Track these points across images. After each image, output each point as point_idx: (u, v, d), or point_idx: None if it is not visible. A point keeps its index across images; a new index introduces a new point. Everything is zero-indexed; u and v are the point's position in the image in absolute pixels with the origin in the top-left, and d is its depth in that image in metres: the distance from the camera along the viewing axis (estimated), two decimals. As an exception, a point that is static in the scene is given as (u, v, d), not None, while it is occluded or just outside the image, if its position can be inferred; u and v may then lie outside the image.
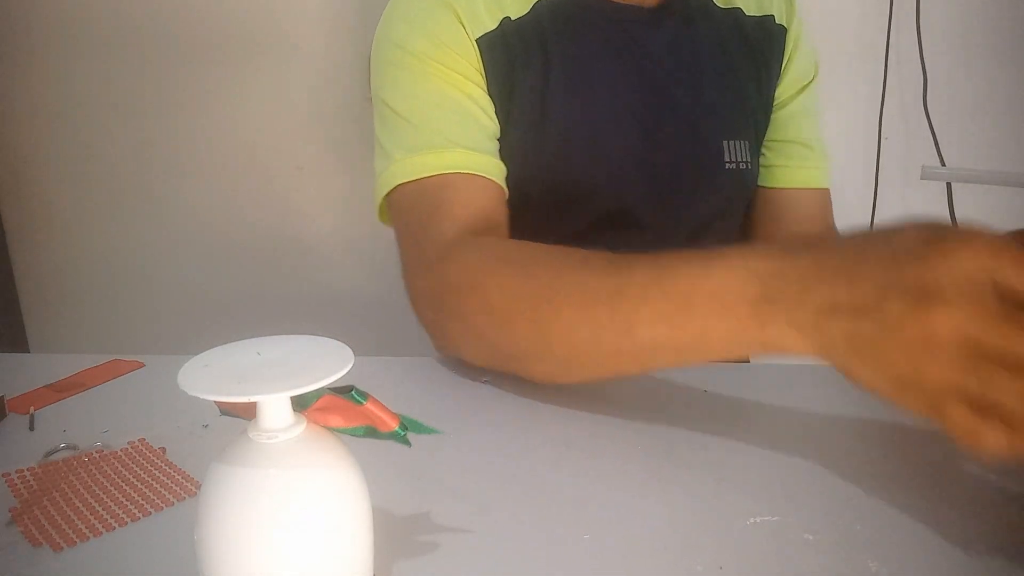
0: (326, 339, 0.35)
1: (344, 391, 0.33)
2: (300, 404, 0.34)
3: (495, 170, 0.70)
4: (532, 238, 0.62)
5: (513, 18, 0.73)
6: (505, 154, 0.73)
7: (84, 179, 1.21)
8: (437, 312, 0.64)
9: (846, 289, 0.41)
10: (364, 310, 1.23)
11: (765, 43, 0.86)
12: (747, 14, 0.85)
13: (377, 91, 0.74)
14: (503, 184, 0.71)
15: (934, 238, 0.39)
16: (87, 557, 0.43)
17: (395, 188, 0.69)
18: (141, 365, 0.69)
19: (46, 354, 1.16)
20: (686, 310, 0.47)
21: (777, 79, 0.88)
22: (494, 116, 0.73)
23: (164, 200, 1.20)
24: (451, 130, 0.69)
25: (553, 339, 0.55)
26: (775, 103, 0.88)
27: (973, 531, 0.46)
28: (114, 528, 0.45)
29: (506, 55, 0.72)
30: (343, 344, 0.34)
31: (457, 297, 0.61)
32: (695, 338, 0.48)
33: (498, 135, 0.73)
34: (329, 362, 0.32)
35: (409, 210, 0.69)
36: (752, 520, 0.46)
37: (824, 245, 0.44)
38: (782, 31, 0.87)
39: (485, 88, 0.72)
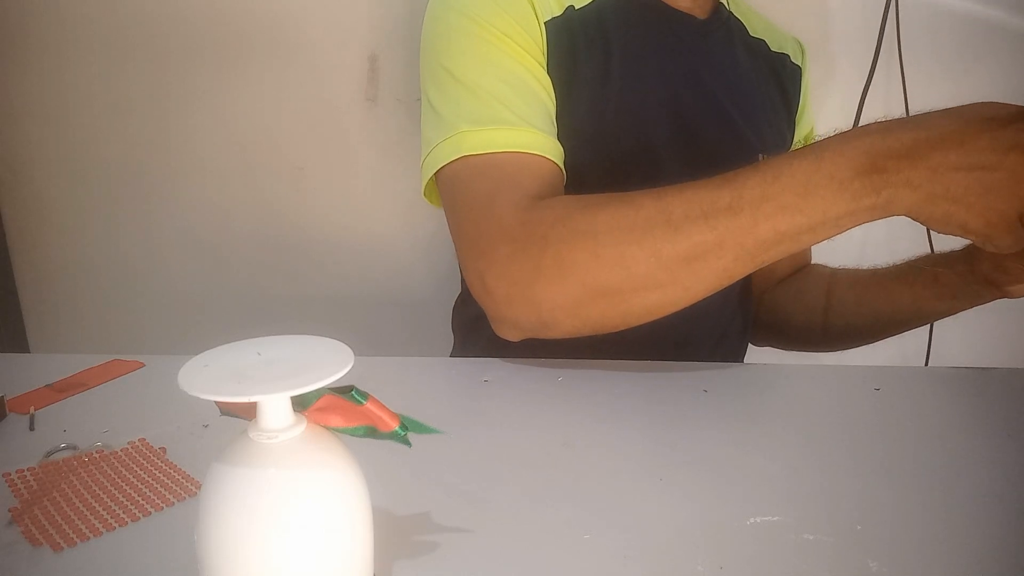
0: (326, 339, 0.35)
1: (344, 391, 0.33)
2: (300, 404, 0.34)
3: (558, 154, 0.70)
4: None
5: (577, 7, 0.75)
6: (561, 137, 0.72)
7: (84, 179, 1.20)
8: (529, 276, 0.60)
9: (957, 152, 0.51)
10: (364, 310, 1.23)
11: (786, 78, 0.91)
12: (771, 48, 0.90)
13: (437, 57, 0.71)
14: (563, 169, 0.71)
15: None
16: (87, 557, 0.43)
17: (456, 160, 0.67)
18: (141, 365, 0.69)
19: (46, 354, 1.16)
20: (806, 196, 0.53)
21: (796, 116, 0.93)
22: (553, 97, 0.73)
23: (164, 200, 1.20)
24: (520, 107, 0.68)
25: (673, 258, 0.56)
26: (792, 144, 0.92)
27: (973, 531, 0.46)
28: (114, 528, 0.45)
29: (570, 41, 0.73)
30: (343, 344, 0.34)
31: (558, 248, 0.59)
32: (816, 220, 0.54)
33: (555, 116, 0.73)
34: (329, 362, 0.32)
35: (475, 180, 0.66)
36: (752, 520, 0.46)
37: (916, 123, 0.53)
38: (798, 71, 0.93)
39: (545, 69, 0.72)
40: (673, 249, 0.56)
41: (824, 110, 1.08)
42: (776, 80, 0.89)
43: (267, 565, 0.32)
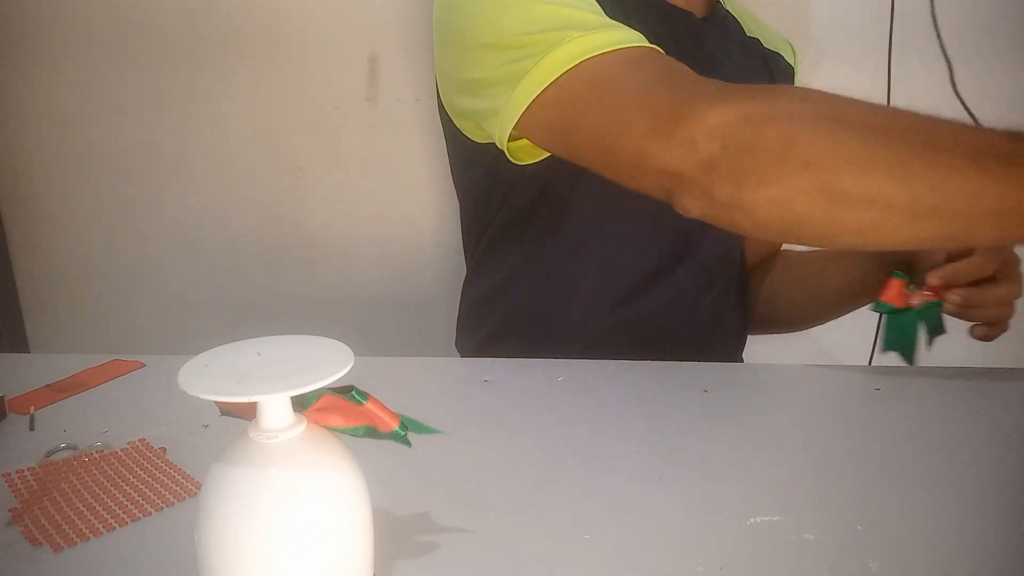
0: (326, 339, 0.35)
1: (344, 391, 0.33)
2: (300, 404, 0.34)
3: None
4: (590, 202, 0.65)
5: None
6: None
7: (84, 179, 1.20)
8: (748, 137, 0.52)
9: None
10: (364, 310, 1.23)
11: (780, 77, 0.90)
12: (765, 46, 0.90)
13: (478, 38, 0.66)
14: None
15: None
16: (87, 557, 0.43)
17: (581, 63, 0.60)
18: (141, 365, 0.69)
19: (46, 354, 1.16)
20: None
21: None
22: None
23: (164, 200, 1.20)
24: (600, 11, 0.65)
25: (924, 186, 0.47)
26: None
27: (973, 531, 0.46)
28: (114, 528, 0.45)
29: None
30: (343, 344, 0.34)
31: (790, 126, 0.51)
32: None
33: None
34: (329, 362, 0.32)
35: (628, 70, 0.60)
36: (752, 520, 0.46)
37: None
38: (791, 71, 0.93)
39: None
40: (929, 176, 0.47)
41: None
42: (770, 79, 0.89)
43: (267, 565, 0.32)
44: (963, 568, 0.42)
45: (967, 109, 0.92)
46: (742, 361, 0.94)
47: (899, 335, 0.73)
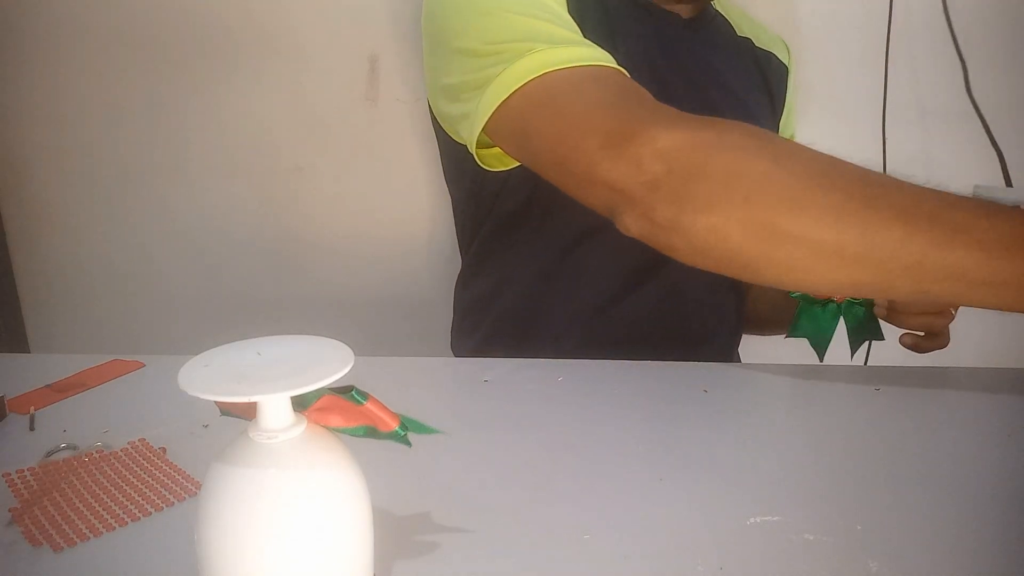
0: (326, 339, 0.35)
1: (344, 391, 0.33)
2: (300, 404, 0.34)
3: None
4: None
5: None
6: None
7: (84, 179, 1.20)
8: (695, 163, 0.53)
9: None
10: (364, 310, 1.23)
11: (772, 77, 0.91)
12: (757, 45, 0.90)
13: (456, 42, 0.67)
14: None
15: None
16: (87, 557, 0.43)
17: (544, 75, 0.61)
18: (141, 365, 0.69)
19: (46, 354, 1.16)
20: (1011, 249, 0.47)
21: (780, 116, 0.92)
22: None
23: (164, 200, 1.20)
24: (573, 28, 0.66)
25: (859, 234, 0.49)
26: None
27: (973, 531, 0.46)
28: (114, 528, 0.45)
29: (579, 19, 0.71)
30: (343, 344, 0.34)
31: (735, 155, 0.52)
32: (1008, 276, 0.48)
33: None
34: (329, 362, 0.32)
35: (586, 86, 0.60)
36: (752, 520, 0.46)
37: None
38: (784, 70, 0.93)
39: None
40: (858, 225, 0.48)
41: (806, 115, 1.07)
42: (762, 78, 0.89)
43: (267, 565, 0.32)
44: (963, 568, 0.42)
45: (977, 109, 0.92)
46: (737, 357, 0.94)
47: (811, 325, 0.73)
